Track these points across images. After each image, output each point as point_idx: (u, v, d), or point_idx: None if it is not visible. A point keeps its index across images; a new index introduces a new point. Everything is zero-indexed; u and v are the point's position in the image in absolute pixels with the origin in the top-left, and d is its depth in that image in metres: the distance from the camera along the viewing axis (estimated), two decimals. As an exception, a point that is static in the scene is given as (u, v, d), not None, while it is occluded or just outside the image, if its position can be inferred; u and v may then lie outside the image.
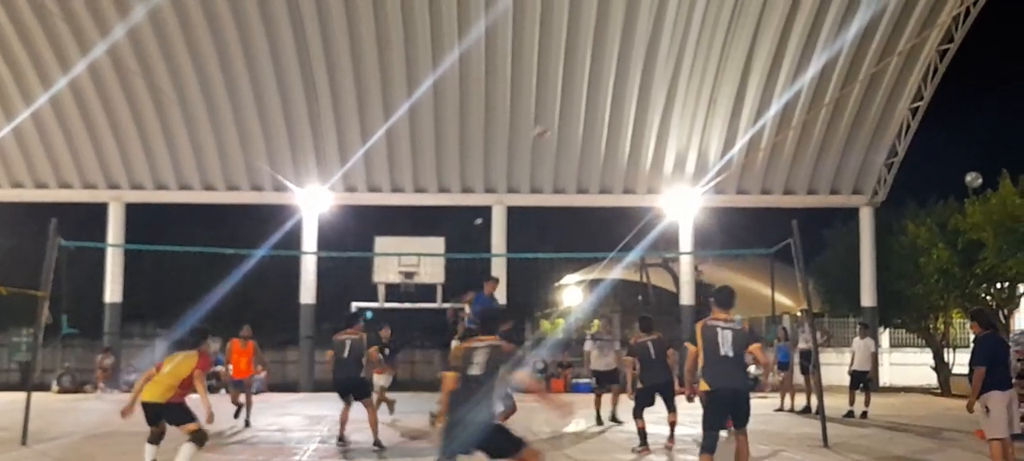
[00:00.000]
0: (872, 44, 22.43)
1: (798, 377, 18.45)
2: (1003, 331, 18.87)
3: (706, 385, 8.42)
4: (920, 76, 23.28)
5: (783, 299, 27.29)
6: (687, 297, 25.99)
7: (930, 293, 23.17)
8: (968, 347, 25.81)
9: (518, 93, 23.40)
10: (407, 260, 22.70)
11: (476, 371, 6.94)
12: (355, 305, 21.36)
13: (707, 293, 13.07)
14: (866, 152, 24.92)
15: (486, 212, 25.62)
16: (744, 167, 24.89)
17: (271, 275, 25.90)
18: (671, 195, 25.19)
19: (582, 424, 15.54)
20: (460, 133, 24.23)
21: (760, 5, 21.89)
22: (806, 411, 17.16)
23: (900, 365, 27.74)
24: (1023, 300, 22.82)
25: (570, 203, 26.07)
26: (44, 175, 25.10)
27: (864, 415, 16.64)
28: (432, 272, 23.23)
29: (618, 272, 31.97)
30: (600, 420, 15.51)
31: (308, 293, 25.01)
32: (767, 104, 23.52)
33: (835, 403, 16.52)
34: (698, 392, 8.87)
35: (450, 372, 7.10)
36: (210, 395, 9.43)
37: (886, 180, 25.22)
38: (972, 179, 23.17)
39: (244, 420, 14.89)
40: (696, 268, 28.10)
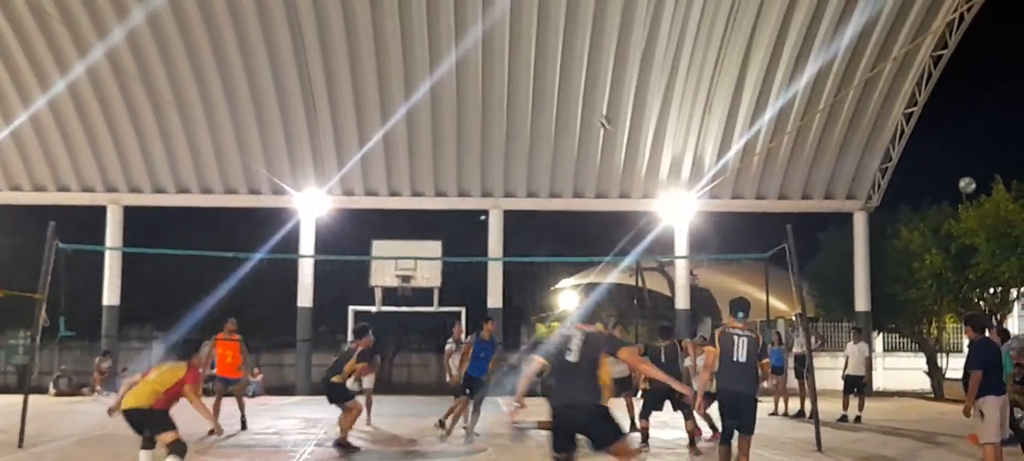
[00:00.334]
0: (867, 50, 22.55)
1: (792, 381, 18.54)
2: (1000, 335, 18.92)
3: (714, 386, 9.13)
4: (914, 82, 23.40)
5: (777, 303, 27.31)
6: (682, 301, 26.09)
7: (923, 298, 23.27)
8: (961, 352, 26.09)
9: (514, 98, 23.50)
10: (404, 264, 22.78)
11: (572, 357, 6.95)
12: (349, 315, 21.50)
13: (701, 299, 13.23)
14: (860, 157, 25.04)
15: (484, 219, 25.68)
16: (739, 172, 25.02)
17: (268, 278, 25.95)
18: (667, 199, 25.30)
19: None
20: (457, 137, 24.32)
21: (755, 11, 22.01)
22: (800, 415, 17.24)
23: (894, 369, 27.83)
24: (1016, 305, 22.95)
25: (566, 207, 26.17)
26: (42, 178, 25.15)
27: (858, 419, 16.72)
28: (429, 276, 23.33)
29: (614, 276, 32.09)
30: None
31: (305, 296, 25.07)
32: (762, 109, 23.64)
33: (829, 407, 16.59)
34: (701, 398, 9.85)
35: (540, 359, 7.17)
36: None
37: (880, 185, 25.35)
38: (966, 184, 23.32)
39: (240, 421, 14.40)
40: (691, 272, 28.19)
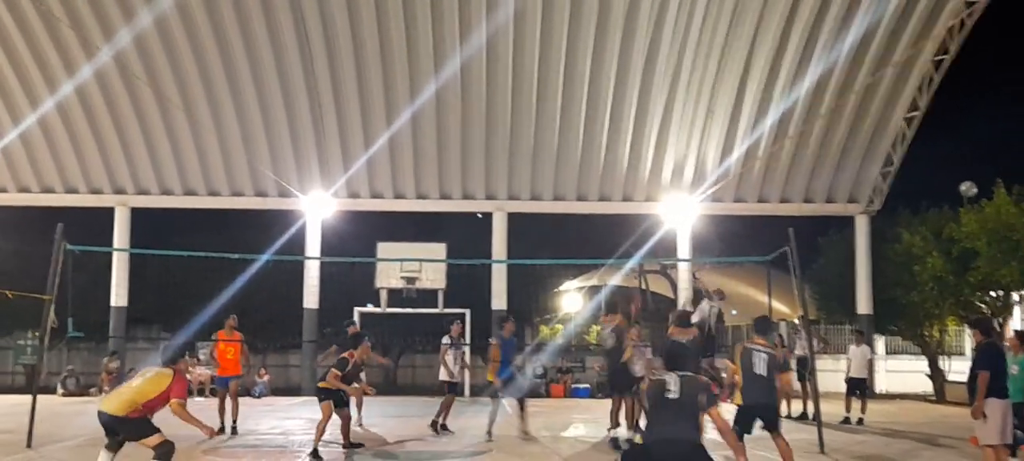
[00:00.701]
0: (868, 55, 22.63)
1: (795, 384, 18.60)
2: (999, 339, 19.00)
3: (740, 399, 9.92)
4: (915, 87, 23.49)
5: (780, 306, 27.42)
6: (684, 304, 26.15)
7: (925, 301, 23.33)
8: (962, 355, 26.18)
9: (519, 101, 23.62)
10: (409, 266, 22.91)
11: (673, 395, 7.03)
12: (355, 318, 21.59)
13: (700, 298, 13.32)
14: (862, 161, 25.13)
15: (487, 219, 25.82)
16: (741, 175, 25.12)
17: (275, 280, 26.08)
18: (669, 203, 25.41)
19: (581, 429, 15.74)
20: (462, 140, 24.44)
21: (757, 16, 22.11)
22: (803, 418, 17.31)
23: (895, 372, 27.86)
24: (1016, 308, 23.02)
25: (570, 210, 26.29)
26: (50, 180, 25.30)
27: (860, 421, 16.80)
28: (434, 278, 23.47)
29: (617, 279, 32.17)
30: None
31: (311, 298, 25.20)
32: (764, 113, 23.74)
33: (831, 410, 16.64)
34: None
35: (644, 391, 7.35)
36: (192, 398, 8.80)
37: (882, 189, 25.43)
38: (967, 188, 23.39)
39: (230, 426, 13.93)
40: (693, 275, 28.27)
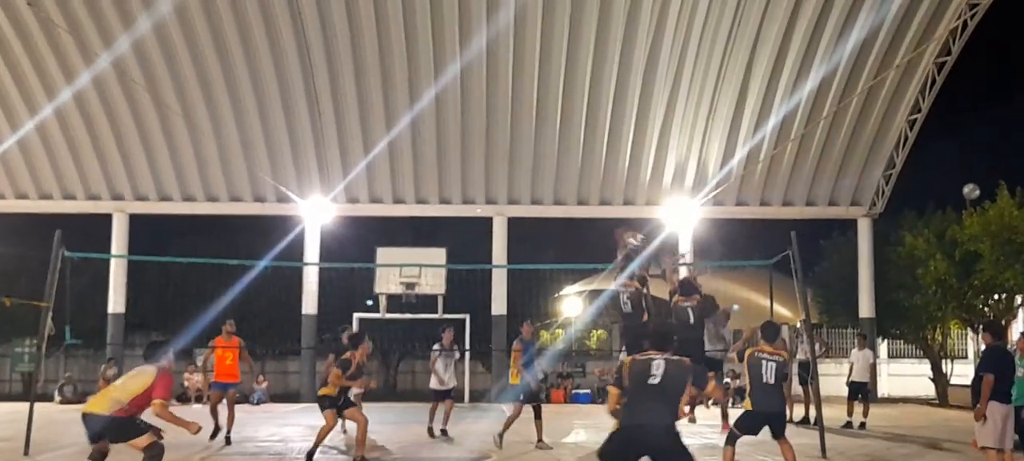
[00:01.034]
0: (870, 57, 22.59)
1: (797, 388, 18.52)
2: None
3: (750, 405, 9.86)
4: (917, 89, 23.44)
5: (782, 310, 27.25)
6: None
7: (928, 304, 23.25)
8: (966, 358, 26.04)
9: (519, 105, 23.56)
10: (408, 271, 22.83)
11: (655, 381, 6.73)
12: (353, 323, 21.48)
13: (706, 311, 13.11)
14: (864, 164, 25.06)
15: (487, 223, 25.73)
16: (743, 179, 25.05)
17: (273, 285, 26.00)
18: (671, 206, 25.32)
19: (582, 435, 15.66)
20: (461, 145, 24.39)
21: (759, 19, 22.06)
22: (805, 422, 17.22)
23: (898, 376, 27.82)
24: (1020, 311, 22.93)
25: (570, 214, 26.21)
26: (48, 186, 25.24)
27: (862, 426, 16.75)
28: (433, 283, 23.39)
29: (617, 283, 32.01)
30: None
31: (310, 303, 25.12)
32: (766, 116, 23.67)
33: (834, 414, 16.61)
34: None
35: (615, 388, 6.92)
36: (181, 406, 8.61)
37: (884, 191, 25.35)
38: (970, 190, 23.31)
39: (224, 436, 13.46)
40: (695, 278, 28.14)
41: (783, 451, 9.96)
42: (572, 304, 34.61)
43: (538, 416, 13.49)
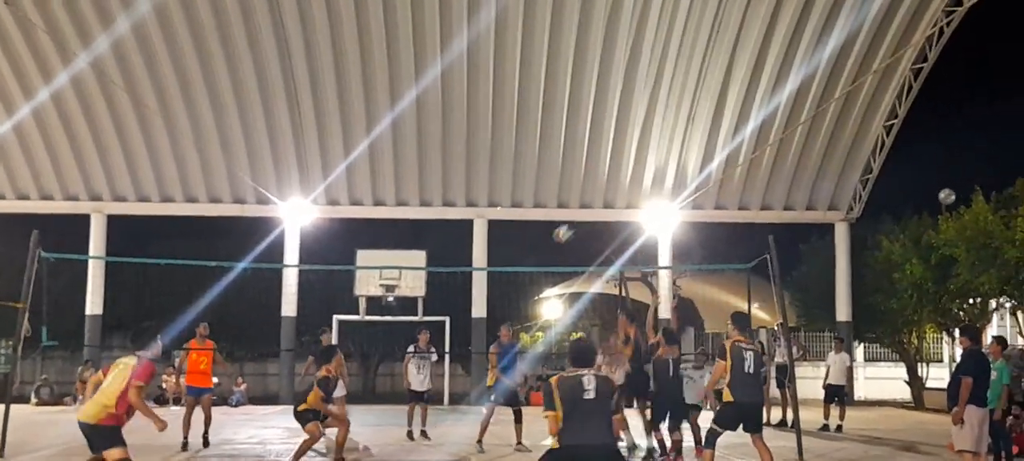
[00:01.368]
0: (848, 63, 22.78)
1: (774, 391, 18.67)
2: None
3: (730, 397, 9.67)
4: (895, 94, 23.64)
5: (760, 313, 27.57)
6: (665, 311, 26.14)
7: (904, 308, 23.44)
8: (941, 362, 26.22)
9: (499, 108, 23.60)
10: (388, 273, 22.79)
11: (590, 395, 6.53)
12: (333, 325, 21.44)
13: (686, 314, 13.08)
14: (842, 169, 25.27)
15: (467, 226, 25.74)
16: (722, 183, 25.19)
17: (253, 287, 25.83)
18: (650, 210, 25.43)
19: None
20: (442, 147, 24.39)
21: (738, 24, 22.19)
22: (782, 424, 17.33)
23: (874, 379, 28.05)
24: (995, 315, 23.17)
25: (550, 217, 26.12)
26: (25, 186, 25.04)
27: (839, 428, 16.89)
28: (413, 285, 23.34)
29: (598, 286, 32.14)
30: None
31: (289, 306, 25.02)
32: (745, 121, 23.83)
33: (810, 417, 16.74)
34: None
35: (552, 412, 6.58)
36: (158, 408, 8.34)
37: (861, 196, 25.56)
38: (945, 196, 23.56)
39: (202, 437, 13.34)
40: (674, 282, 28.32)
41: (759, 451, 9.90)
42: (552, 306, 34.68)
43: (518, 420, 13.51)
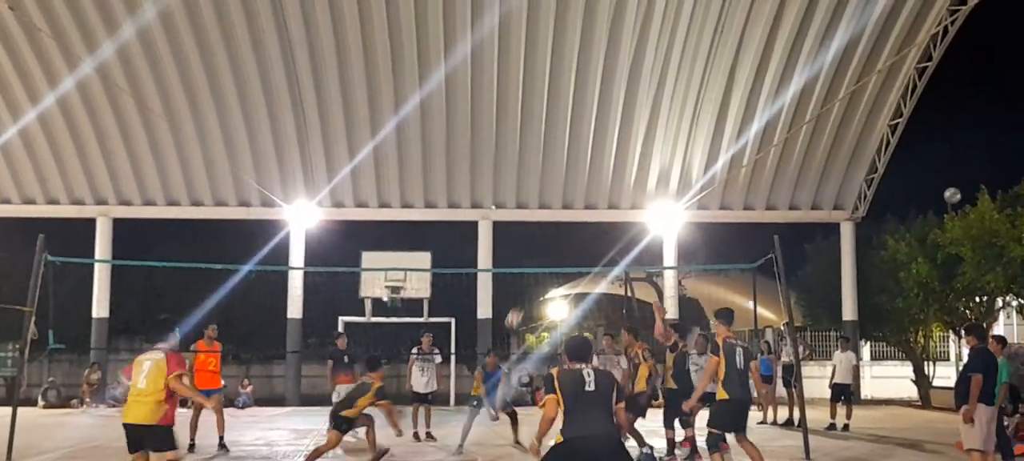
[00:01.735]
0: (852, 63, 22.75)
1: (780, 390, 18.66)
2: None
3: (725, 394, 9.55)
4: (899, 93, 23.61)
5: (765, 313, 27.41)
6: (671, 311, 26.15)
7: (910, 307, 23.40)
8: (948, 360, 26.18)
9: (504, 110, 23.61)
10: (394, 275, 22.82)
11: (590, 388, 6.57)
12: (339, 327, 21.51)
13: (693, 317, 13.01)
14: (846, 168, 25.24)
15: (472, 227, 25.76)
16: (727, 183, 25.16)
17: (258, 290, 25.93)
18: (655, 210, 25.41)
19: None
20: (447, 149, 24.40)
21: (742, 25, 22.19)
22: (788, 424, 17.35)
23: (881, 378, 27.96)
24: (1001, 314, 23.12)
25: (555, 218, 26.26)
26: (32, 191, 25.10)
27: (846, 428, 16.86)
28: (418, 287, 23.39)
29: (603, 286, 32.16)
30: None
31: (295, 308, 25.06)
32: (749, 121, 23.81)
33: (817, 416, 16.72)
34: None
35: (551, 396, 6.66)
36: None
37: (866, 196, 25.53)
38: (951, 194, 23.52)
39: (218, 441, 13.26)
40: (680, 283, 28.32)
41: (747, 450, 9.82)
42: (558, 307, 34.69)
43: (515, 423, 13.59)
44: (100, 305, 24.97)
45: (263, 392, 26.47)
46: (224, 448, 13.31)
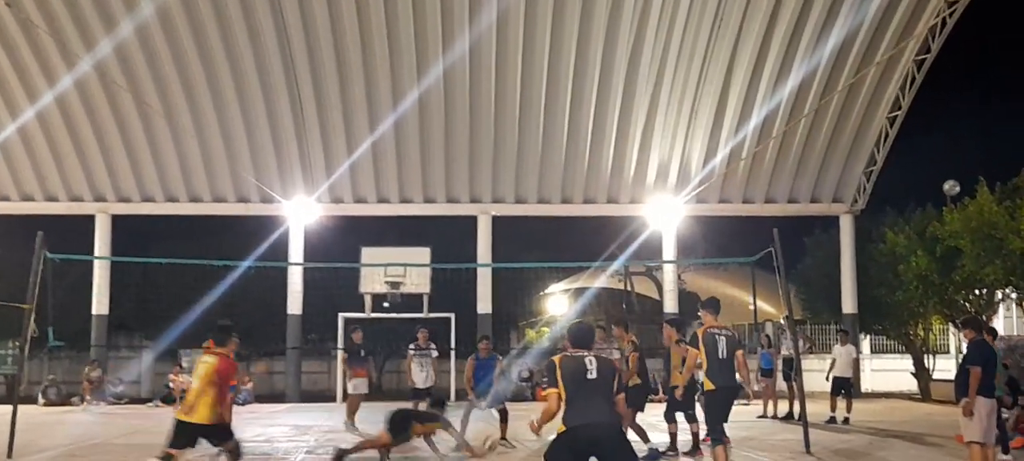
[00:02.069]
0: (851, 55, 22.73)
1: (781, 384, 18.66)
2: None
3: (711, 384, 9.53)
4: (898, 86, 23.60)
5: (765, 306, 27.56)
6: (671, 305, 26.19)
7: (910, 300, 23.38)
8: (948, 353, 26.17)
9: (502, 104, 23.59)
10: (393, 270, 22.81)
11: (592, 376, 6.57)
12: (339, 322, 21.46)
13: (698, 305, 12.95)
14: (846, 161, 25.24)
15: (471, 222, 25.75)
16: (726, 177, 25.15)
17: (258, 286, 25.93)
18: (654, 204, 25.41)
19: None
20: (445, 144, 24.38)
21: (740, 18, 22.16)
22: (789, 417, 17.34)
23: (881, 371, 27.98)
24: (1001, 306, 23.12)
25: (554, 213, 26.25)
26: (30, 188, 25.08)
27: (846, 421, 16.85)
28: (418, 282, 23.39)
29: (602, 280, 32.17)
30: None
31: (295, 304, 25.05)
32: (748, 114, 23.80)
33: (817, 409, 16.70)
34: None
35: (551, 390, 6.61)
36: (168, 406, 8.76)
37: (866, 188, 25.53)
38: (950, 187, 23.51)
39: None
40: (679, 276, 28.32)
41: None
42: (558, 302, 34.69)
43: (504, 422, 13.54)
44: (100, 302, 24.97)
45: (263, 388, 26.43)
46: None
